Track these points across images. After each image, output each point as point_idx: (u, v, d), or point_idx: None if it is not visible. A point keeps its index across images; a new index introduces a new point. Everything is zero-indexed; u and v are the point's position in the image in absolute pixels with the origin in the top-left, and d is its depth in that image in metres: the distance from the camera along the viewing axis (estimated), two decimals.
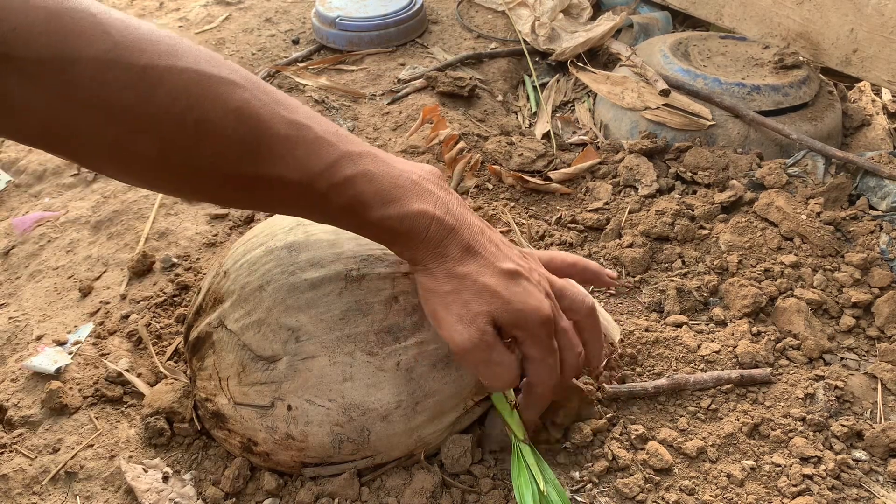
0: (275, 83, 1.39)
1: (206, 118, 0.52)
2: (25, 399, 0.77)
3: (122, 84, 0.49)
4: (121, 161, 0.53)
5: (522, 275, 0.61)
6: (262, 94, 0.55)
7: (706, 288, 0.90)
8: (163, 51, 0.51)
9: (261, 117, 0.54)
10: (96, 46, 0.48)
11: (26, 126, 0.50)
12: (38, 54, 0.47)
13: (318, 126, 0.57)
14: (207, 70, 0.52)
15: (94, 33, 0.49)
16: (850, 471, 0.70)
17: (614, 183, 1.08)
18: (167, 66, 0.51)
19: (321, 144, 0.56)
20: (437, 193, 0.60)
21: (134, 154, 0.52)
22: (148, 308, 0.89)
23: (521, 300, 0.60)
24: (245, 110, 0.53)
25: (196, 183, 0.56)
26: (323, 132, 0.56)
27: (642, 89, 1.19)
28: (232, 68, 0.55)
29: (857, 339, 0.85)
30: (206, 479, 0.70)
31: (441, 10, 1.66)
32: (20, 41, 0.46)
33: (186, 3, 1.75)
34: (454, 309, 0.60)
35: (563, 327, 0.64)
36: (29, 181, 1.19)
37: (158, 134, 0.51)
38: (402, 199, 0.58)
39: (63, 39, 0.47)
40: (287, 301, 0.66)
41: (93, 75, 0.48)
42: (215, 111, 0.52)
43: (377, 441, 0.66)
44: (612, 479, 0.70)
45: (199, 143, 0.52)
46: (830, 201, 1.00)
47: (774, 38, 1.29)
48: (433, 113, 1.18)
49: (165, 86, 0.50)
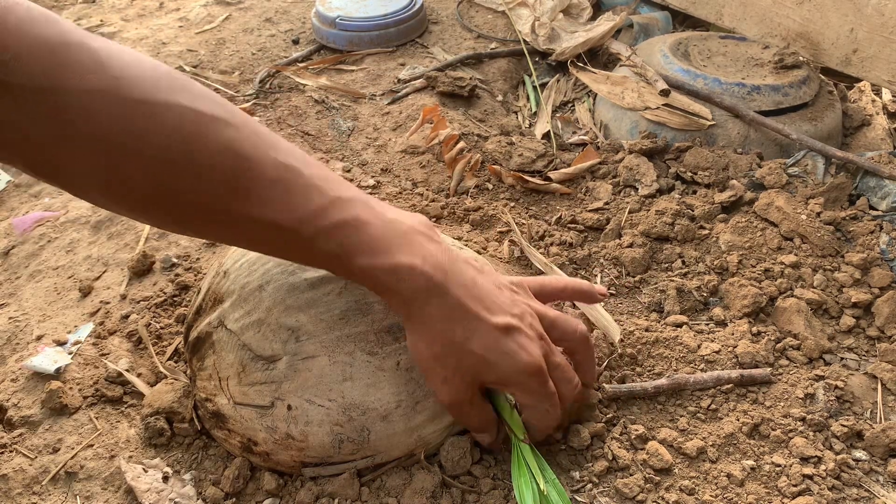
0: (275, 83, 1.39)
1: (197, 155, 0.52)
2: (25, 399, 0.77)
3: (116, 117, 0.50)
4: (109, 192, 0.54)
5: (514, 327, 0.61)
6: (255, 135, 0.55)
7: (706, 288, 0.90)
8: (161, 87, 0.52)
9: (251, 158, 0.54)
10: (91, 79, 0.49)
11: (19, 153, 0.50)
12: (36, 83, 0.47)
13: (309, 170, 0.57)
14: (203, 108, 0.53)
15: (92, 67, 0.49)
16: (850, 471, 0.70)
17: (614, 183, 1.08)
18: (163, 101, 0.51)
19: (311, 189, 0.56)
20: (427, 246, 0.60)
21: (123, 186, 0.53)
22: (148, 308, 0.89)
23: (511, 361, 0.60)
24: (236, 150, 0.54)
25: (184, 218, 0.56)
26: (314, 176, 0.57)
27: (642, 89, 1.19)
28: (228, 108, 0.55)
29: (857, 339, 0.85)
30: (206, 479, 0.70)
31: (441, 10, 1.66)
32: (20, 69, 0.47)
33: (186, 3, 1.75)
34: (439, 371, 0.61)
35: (557, 363, 0.65)
36: (29, 181, 1.19)
37: (149, 168, 0.52)
38: (390, 251, 0.57)
39: (60, 71, 0.48)
40: (287, 301, 0.66)
41: (86, 106, 0.49)
42: (207, 149, 0.53)
43: (377, 441, 0.66)
44: (612, 479, 0.70)
45: (188, 180, 0.53)
46: (830, 201, 1.00)
47: (774, 38, 1.29)
48: (433, 113, 1.18)
49: (158, 121, 0.51)
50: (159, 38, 1.58)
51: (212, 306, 0.71)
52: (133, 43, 1.57)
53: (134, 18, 1.71)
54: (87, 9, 1.76)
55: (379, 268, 0.57)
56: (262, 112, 1.30)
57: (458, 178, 1.11)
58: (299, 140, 1.24)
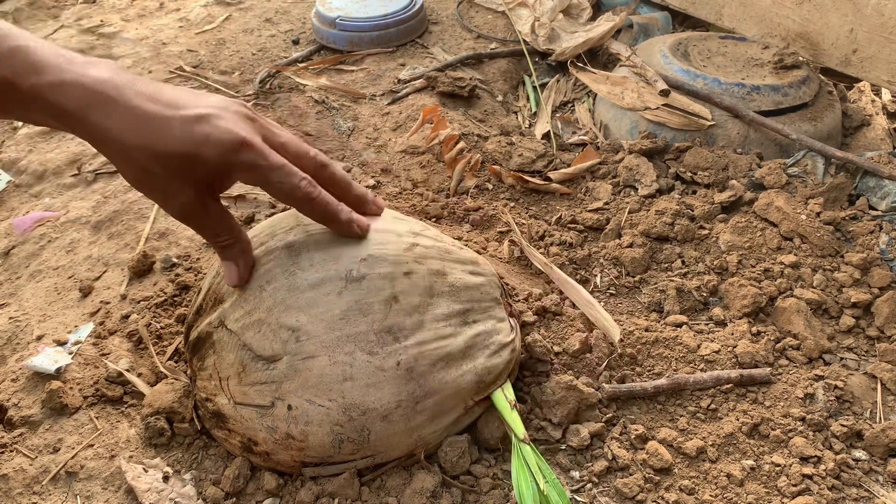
0: (275, 83, 1.39)
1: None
2: (26, 399, 0.77)
3: None
4: None
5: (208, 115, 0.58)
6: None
7: (706, 288, 0.90)
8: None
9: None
10: None
11: None
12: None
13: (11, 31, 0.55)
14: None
15: None
16: (850, 471, 0.71)
17: (614, 183, 1.08)
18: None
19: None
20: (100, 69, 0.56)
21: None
22: (148, 308, 0.89)
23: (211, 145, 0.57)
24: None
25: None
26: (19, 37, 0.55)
27: (642, 89, 1.19)
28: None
29: (857, 339, 0.85)
30: (207, 478, 0.70)
31: (441, 11, 1.66)
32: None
33: (187, 3, 1.75)
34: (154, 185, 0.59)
35: (280, 142, 0.62)
36: (29, 181, 1.19)
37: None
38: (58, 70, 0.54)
39: None
40: (287, 301, 0.66)
41: None
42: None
43: (377, 441, 0.66)
44: (612, 478, 0.70)
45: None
46: (830, 201, 1.00)
47: (774, 39, 1.29)
48: (433, 113, 1.18)
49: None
50: (159, 39, 1.58)
51: (212, 306, 0.71)
52: (133, 43, 1.57)
53: (134, 18, 1.72)
54: (88, 9, 1.76)
55: (46, 85, 0.54)
56: (263, 112, 1.30)
57: (458, 178, 1.11)
58: None
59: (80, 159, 1.20)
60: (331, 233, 0.69)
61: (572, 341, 0.80)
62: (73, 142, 1.24)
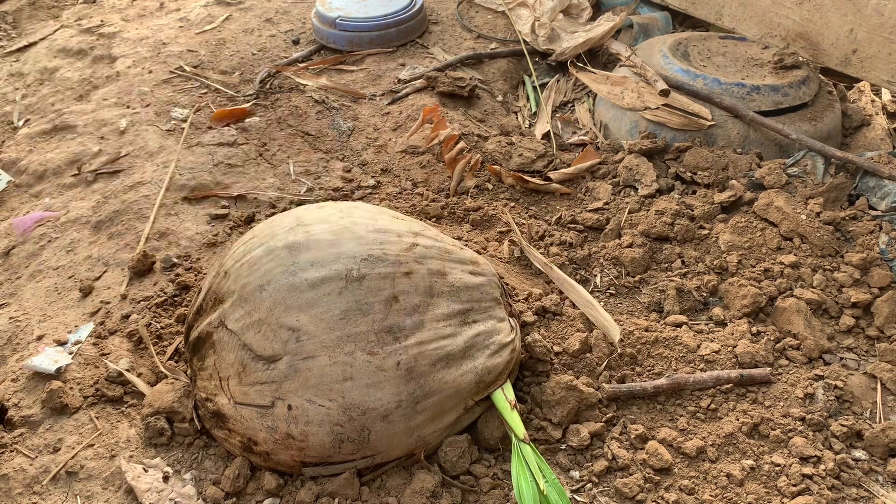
0: (275, 83, 1.39)
1: None
2: (26, 399, 0.77)
3: None
4: None
5: None
6: None
7: (706, 288, 0.90)
8: None
9: None
10: None
11: None
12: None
13: None
14: None
15: None
16: (850, 470, 0.71)
17: (614, 183, 1.08)
18: None
19: None
20: None
21: None
22: (148, 308, 0.89)
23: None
24: None
25: None
26: None
27: (642, 89, 1.19)
28: None
29: (857, 338, 0.85)
30: (207, 478, 0.70)
31: (441, 11, 1.66)
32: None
33: (187, 4, 1.75)
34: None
35: None
36: (29, 181, 1.19)
37: None
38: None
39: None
40: (287, 301, 0.66)
41: None
42: None
43: (377, 441, 0.66)
44: (611, 478, 0.70)
45: None
46: (830, 201, 1.00)
47: (774, 39, 1.30)
48: (433, 113, 1.18)
49: None
50: (160, 39, 1.58)
51: (212, 306, 0.71)
52: (133, 43, 1.57)
53: (134, 18, 1.72)
54: (88, 9, 1.76)
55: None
56: (263, 112, 1.30)
57: (458, 178, 1.11)
58: (299, 140, 1.24)
59: (80, 159, 1.20)
60: (331, 232, 0.70)
61: (572, 341, 0.80)
62: (73, 142, 1.24)
